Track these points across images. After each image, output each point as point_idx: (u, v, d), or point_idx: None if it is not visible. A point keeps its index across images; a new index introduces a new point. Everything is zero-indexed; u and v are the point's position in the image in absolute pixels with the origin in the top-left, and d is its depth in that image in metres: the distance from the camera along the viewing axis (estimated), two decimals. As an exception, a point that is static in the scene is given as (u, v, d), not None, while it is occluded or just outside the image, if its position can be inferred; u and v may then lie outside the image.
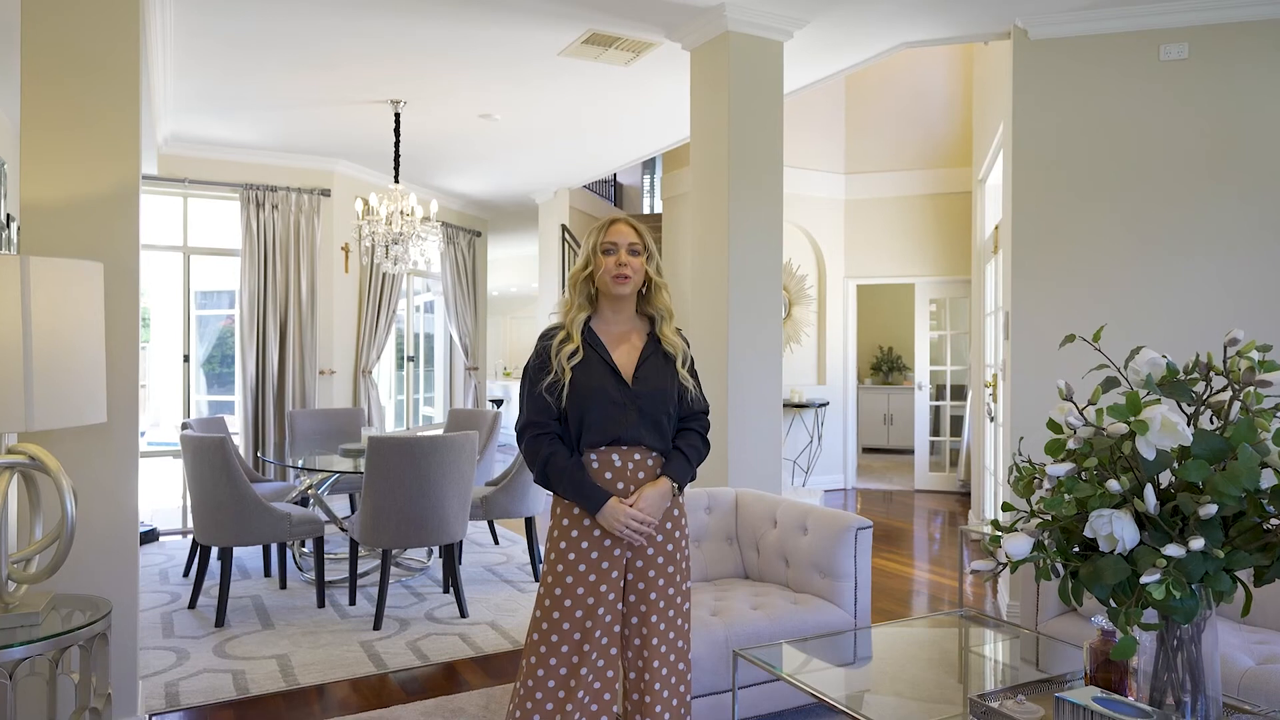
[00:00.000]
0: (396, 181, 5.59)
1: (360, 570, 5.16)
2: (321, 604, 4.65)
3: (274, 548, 5.29)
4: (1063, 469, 1.75)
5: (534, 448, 2.21)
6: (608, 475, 2.20)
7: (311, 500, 5.39)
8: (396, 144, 5.55)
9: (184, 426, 5.23)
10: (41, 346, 2.10)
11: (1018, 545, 1.79)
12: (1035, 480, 1.87)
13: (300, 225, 6.83)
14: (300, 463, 5.11)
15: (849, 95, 8.64)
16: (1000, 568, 1.86)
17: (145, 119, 4.83)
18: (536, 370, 2.24)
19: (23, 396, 2.05)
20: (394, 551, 5.35)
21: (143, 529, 6.31)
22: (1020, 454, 1.99)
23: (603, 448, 2.20)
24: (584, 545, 2.20)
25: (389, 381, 9.16)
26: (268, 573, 5.29)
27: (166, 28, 4.13)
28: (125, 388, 2.83)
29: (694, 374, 2.34)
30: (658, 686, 2.22)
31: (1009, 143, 4.37)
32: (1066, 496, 1.75)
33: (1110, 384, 1.82)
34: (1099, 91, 4.17)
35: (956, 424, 8.72)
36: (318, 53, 4.67)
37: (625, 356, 2.26)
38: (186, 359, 6.85)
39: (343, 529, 4.92)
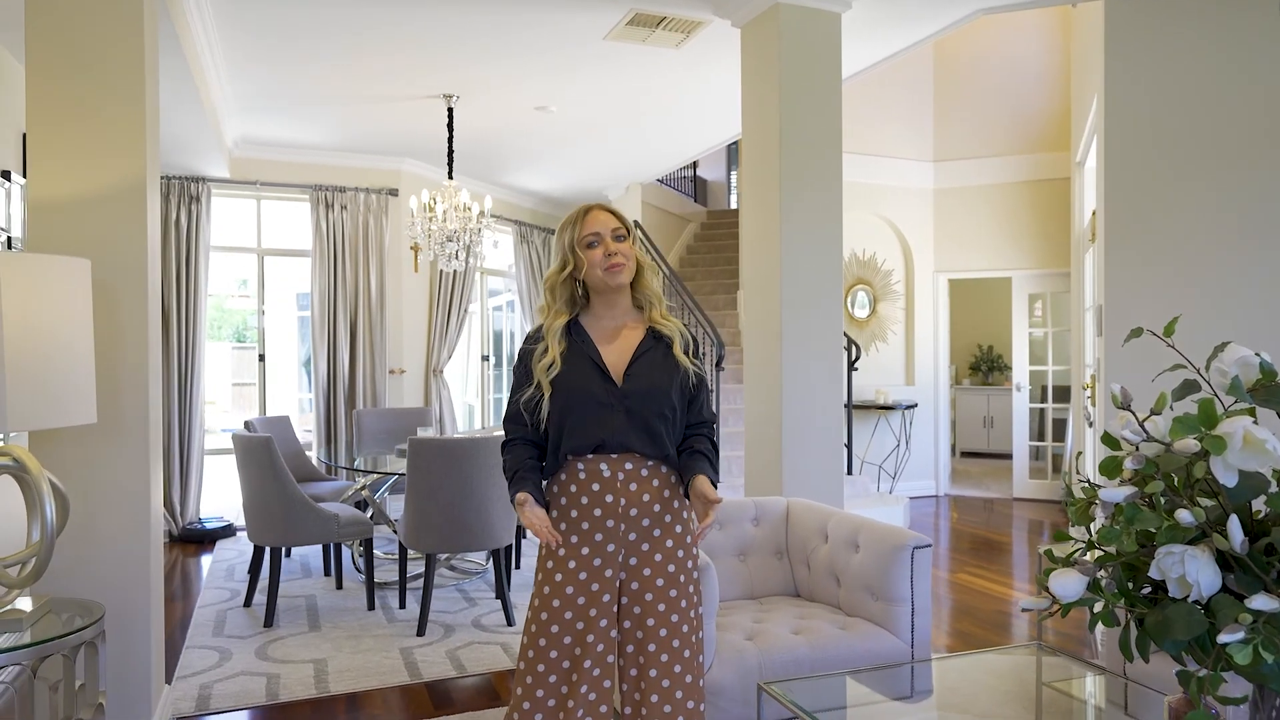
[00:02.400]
0: (450, 178, 5.50)
1: (413, 573, 5.08)
2: (371, 606, 4.59)
3: (332, 547, 5.28)
4: (1121, 494, 1.42)
5: (504, 453, 2.04)
6: (595, 487, 1.97)
7: (367, 501, 5.36)
8: (450, 139, 5.47)
9: (246, 425, 5.28)
10: (14, 345, 2.02)
11: (1068, 585, 1.47)
12: (1093, 506, 1.54)
13: (369, 225, 6.86)
14: (355, 463, 5.08)
15: (937, 77, 8.12)
16: (1053, 608, 1.54)
17: (205, 121, 4.89)
18: (517, 377, 2.06)
19: (-11, 397, 1.98)
20: (442, 556, 5.25)
21: (219, 524, 6.45)
22: (1079, 472, 1.66)
23: (589, 455, 1.98)
24: (571, 565, 1.98)
25: (474, 380, 9.15)
26: (328, 572, 5.29)
27: (208, 25, 4.12)
28: (133, 388, 2.77)
29: (698, 362, 2.07)
30: (656, 724, 1.97)
31: (1102, 116, 3.90)
32: (1128, 527, 1.42)
33: (1188, 388, 1.47)
34: (1205, 54, 3.64)
35: (1060, 428, 8.07)
36: (357, 45, 4.58)
37: (617, 354, 2.03)
38: (262, 358, 6.98)
39: (394, 531, 4.86)
